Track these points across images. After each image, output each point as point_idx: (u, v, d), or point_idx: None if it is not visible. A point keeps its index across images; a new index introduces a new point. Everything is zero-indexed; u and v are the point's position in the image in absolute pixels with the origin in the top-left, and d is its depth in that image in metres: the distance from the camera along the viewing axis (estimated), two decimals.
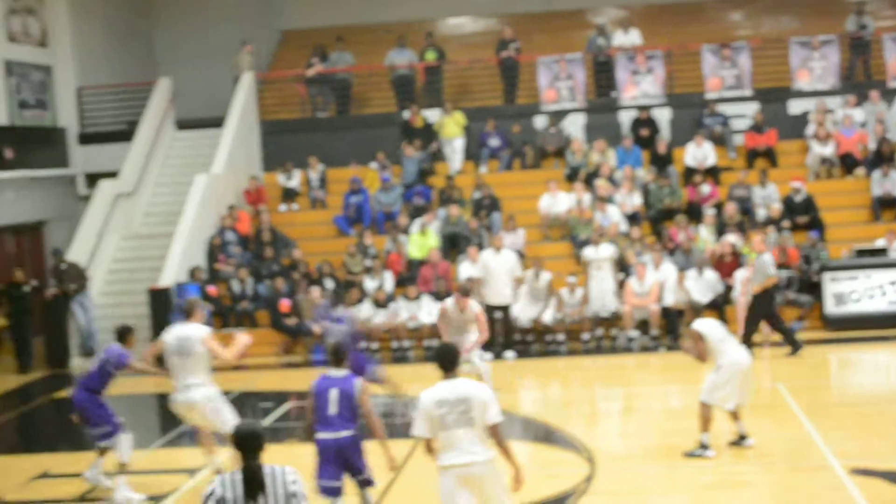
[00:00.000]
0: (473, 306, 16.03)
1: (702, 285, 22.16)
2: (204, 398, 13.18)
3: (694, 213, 24.44)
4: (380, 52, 29.61)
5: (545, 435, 16.28)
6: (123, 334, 13.58)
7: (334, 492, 10.75)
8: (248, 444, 7.25)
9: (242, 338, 13.36)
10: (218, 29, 32.25)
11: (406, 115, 28.01)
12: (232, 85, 28.83)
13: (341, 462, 10.74)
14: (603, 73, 28.10)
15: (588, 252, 22.44)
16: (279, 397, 18.48)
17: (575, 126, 27.51)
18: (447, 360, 9.36)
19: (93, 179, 28.07)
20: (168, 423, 16.95)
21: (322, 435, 10.71)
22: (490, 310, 21.02)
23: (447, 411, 9.16)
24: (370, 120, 29.01)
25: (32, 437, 18.44)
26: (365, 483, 11.00)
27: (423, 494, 11.90)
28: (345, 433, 10.68)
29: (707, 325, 14.12)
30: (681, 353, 15.96)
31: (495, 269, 21.30)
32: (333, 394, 10.70)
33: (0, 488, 14.21)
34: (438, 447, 9.26)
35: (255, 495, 7.16)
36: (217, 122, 28.20)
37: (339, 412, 10.67)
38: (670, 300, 21.90)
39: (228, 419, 13.10)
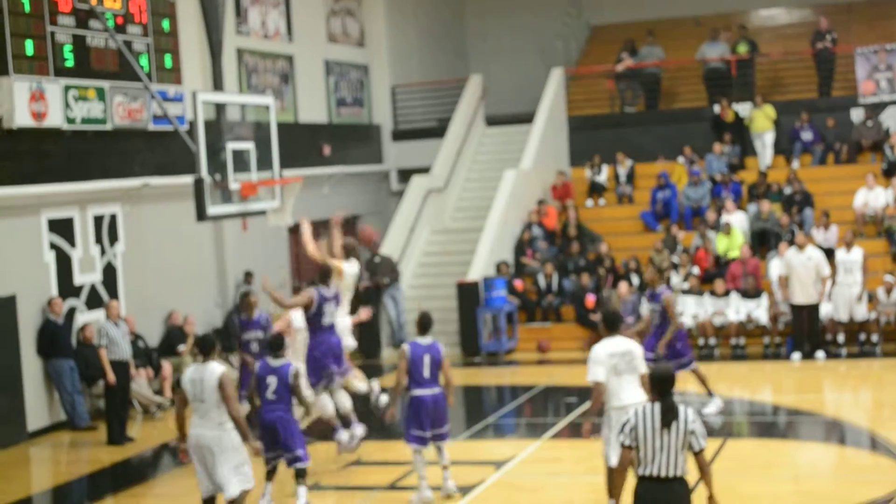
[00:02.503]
0: None
1: None
2: None
3: None
4: (689, 46, 29.23)
5: (857, 438, 15.75)
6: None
7: (423, 441, 12.96)
8: (665, 384, 8.78)
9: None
10: (528, 24, 32.56)
11: (716, 109, 27.56)
12: (542, 80, 29.01)
13: (430, 416, 12.86)
14: None
15: None
16: (583, 392, 18.47)
17: (893, 119, 26.40)
18: (613, 322, 11.35)
19: (405, 175, 28.80)
20: (474, 414, 17.25)
21: (418, 392, 12.85)
22: (796, 309, 20.50)
23: (617, 361, 11.18)
24: (679, 114, 28.66)
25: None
26: (443, 437, 13.08)
27: None
28: (437, 390, 12.93)
29: None
30: None
31: (798, 268, 20.68)
32: (427, 359, 12.88)
33: (317, 473, 14.74)
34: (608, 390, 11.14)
35: (670, 424, 8.68)
36: (526, 118, 28.43)
37: (432, 374, 12.90)
38: None
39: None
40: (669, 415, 8.70)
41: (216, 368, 11.32)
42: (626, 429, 8.83)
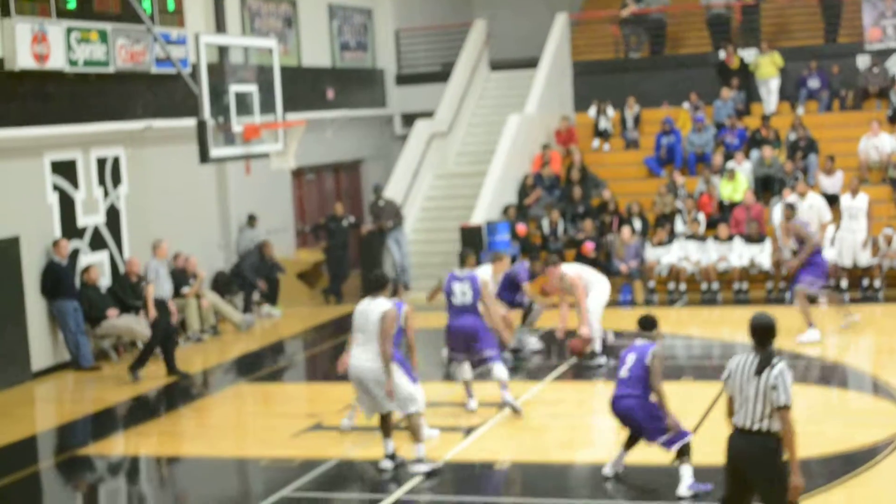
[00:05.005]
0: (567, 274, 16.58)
1: None
2: None
3: None
4: None
5: (859, 382, 15.80)
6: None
7: (461, 359, 14.24)
8: (764, 333, 8.69)
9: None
10: None
11: (722, 55, 27.44)
12: (546, 25, 28.87)
13: (465, 343, 14.13)
14: None
15: None
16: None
17: None
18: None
19: (408, 119, 28.75)
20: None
21: (453, 321, 14.21)
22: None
23: None
24: (684, 60, 28.55)
25: None
26: (483, 361, 14.19)
27: None
28: (471, 318, 14.06)
29: None
30: None
31: (799, 215, 20.62)
32: (458, 287, 14.10)
33: (319, 413, 14.82)
34: None
35: (761, 372, 8.55)
36: (530, 63, 28.34)
37: (463, 302, 14.12)
38: None
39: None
40: (761, 365, 8.57)
41: (383, 304, 11.98)
42: (725, 375, 8.79)
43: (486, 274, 16.48)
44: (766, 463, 8.53)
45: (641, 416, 11.22)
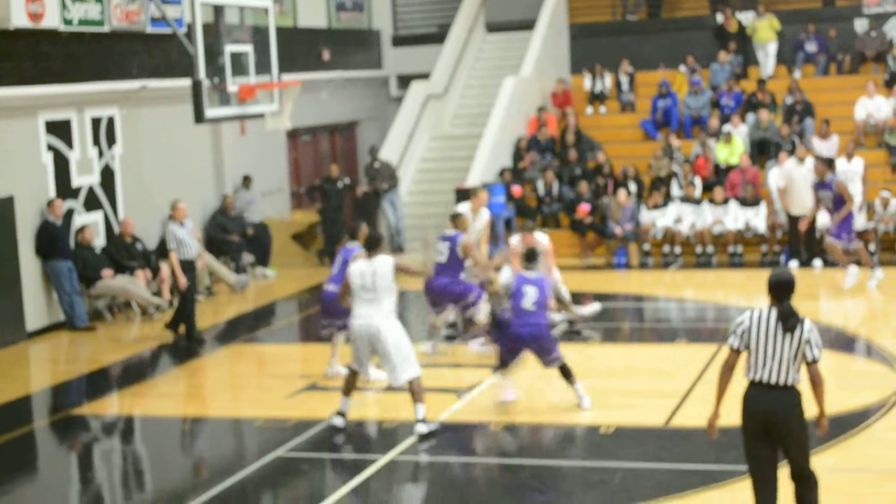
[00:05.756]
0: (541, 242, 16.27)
1: None
2: None
3: None
4: None
5: (852, 345, 15.84)
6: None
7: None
8: (784, 288, 8.46)
9: None
10: None
11: (719, 18, 27.35)
12: None
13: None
14: None
15: None
16: (576, 299, 18.54)
17: None
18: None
19: (404, 81, 28.66)
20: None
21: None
22: (794, 220, 20.56)
23: None
24: (681, 23, 28.48)
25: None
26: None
27: None
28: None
29: None
30: None
31: (798, 179, 20.64)
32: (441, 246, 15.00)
33: (313, 374, 14.87)
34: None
35: (794, 328, 8.40)
36: (526, 25, 28.24)
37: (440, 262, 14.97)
38: None
39: None
40: (791, 320, 8.38)
41: (386, 259, 12.14)
42: (739, 330, 8.55)
43: (465, 209, 16.53)
44: (795, 416, 8.50)
45: (547, 338, 12.85)
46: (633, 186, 23.48)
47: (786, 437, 8.52)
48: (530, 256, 13.27)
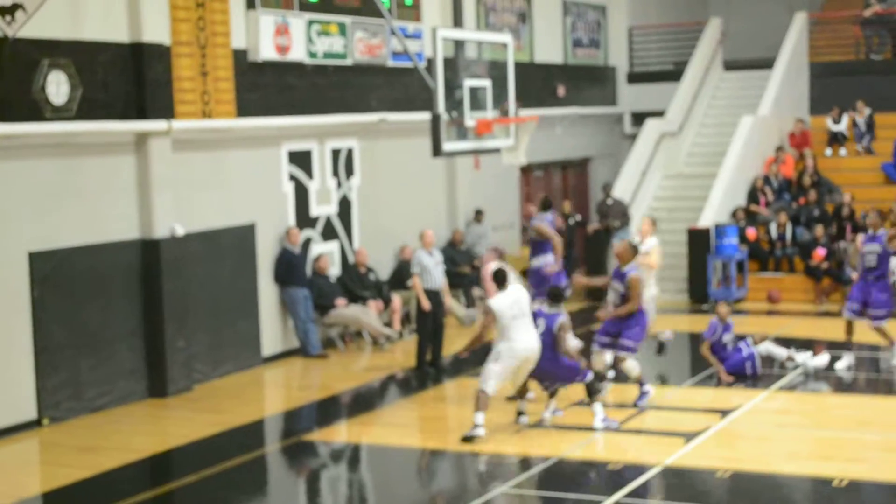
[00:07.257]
0: None
1: None
2: None
3: None
4: None
5: None
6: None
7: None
8: None
9: None
10: None
11: None
12: (783, 25, 28.28)
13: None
14: None
15: None
16: (808, 345, 18.06)
17: None
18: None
19: (638, 118, 28.53)
20: (699, 361, 17.06)
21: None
22: None
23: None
24: None
25: None
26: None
27: None
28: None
29: None
30: None
31: None
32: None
33: (538, 410, 14.86)
34: None
35: None
36: (765, 63, 27.79)
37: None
38: None
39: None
40: None
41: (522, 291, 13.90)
42: None
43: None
44: None
45: (557, 371, 13.80)
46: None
47: None
48: None
